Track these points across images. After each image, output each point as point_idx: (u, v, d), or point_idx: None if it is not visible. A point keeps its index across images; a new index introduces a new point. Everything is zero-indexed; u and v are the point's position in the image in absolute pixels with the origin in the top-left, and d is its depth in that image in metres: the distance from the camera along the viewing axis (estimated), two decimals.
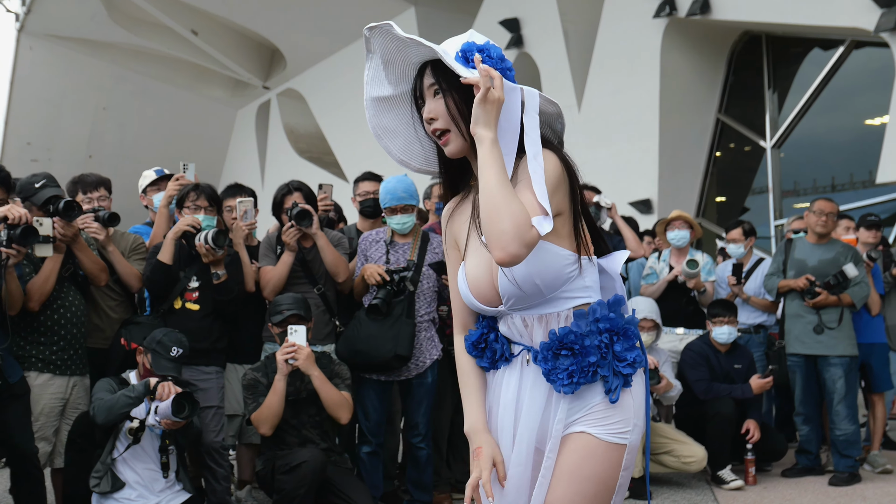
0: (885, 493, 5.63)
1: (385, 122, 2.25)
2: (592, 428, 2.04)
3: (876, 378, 6.38)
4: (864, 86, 11.51)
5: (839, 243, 6.21)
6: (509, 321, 2.13)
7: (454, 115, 2.08)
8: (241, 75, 22.53)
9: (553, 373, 2.04)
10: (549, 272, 2.03)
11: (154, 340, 4.31)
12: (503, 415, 2.14)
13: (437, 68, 2.10)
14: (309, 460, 4.24)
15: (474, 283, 2.13)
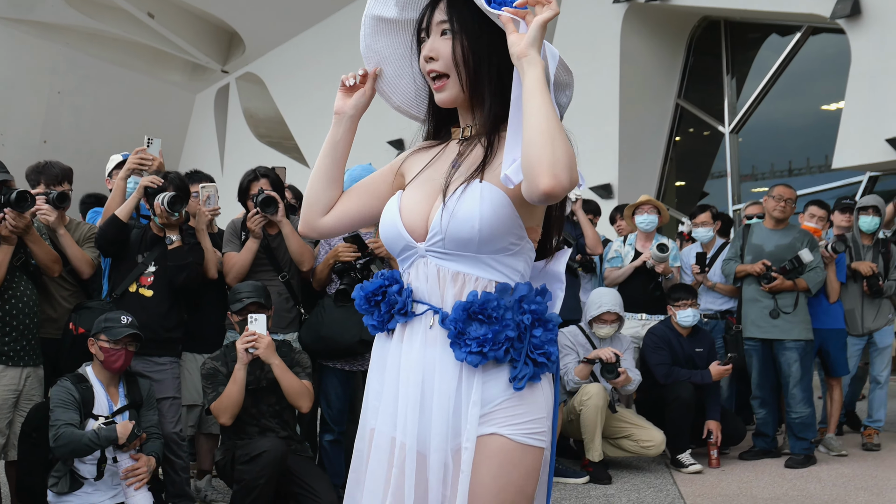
0: (840, 475, 5.73)
1: (379, 47, 2.06)
2: (504, 428, 1.81)
3: (833, 363, 6.48)
4: (821, 72, 11.65)
5: (796, 229, 6.29)
6: (421, 268, 1.89)
7: (458, 60, 1.88)
8: (199, 59, 22.31)
9: (461, 338, 1.79)
10: (495, 227, 1.80)
11: (101, 321, 4.22)
12: (406, 391, 1.86)
13: (454, 4, 1.90)
14: (269, 450, 4.21)
15: (407, 211, 1.91)
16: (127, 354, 4.23)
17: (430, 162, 1.99)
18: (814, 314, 6.23)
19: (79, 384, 4.17)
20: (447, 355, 1.82)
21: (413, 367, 1.85)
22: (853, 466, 6.00)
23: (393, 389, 1.89)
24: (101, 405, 4.19)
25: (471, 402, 1.81)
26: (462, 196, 1.82)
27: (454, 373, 1.82)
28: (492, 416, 1.81)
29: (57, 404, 4.07)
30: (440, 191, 1.89)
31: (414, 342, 1.87)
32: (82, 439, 3.99)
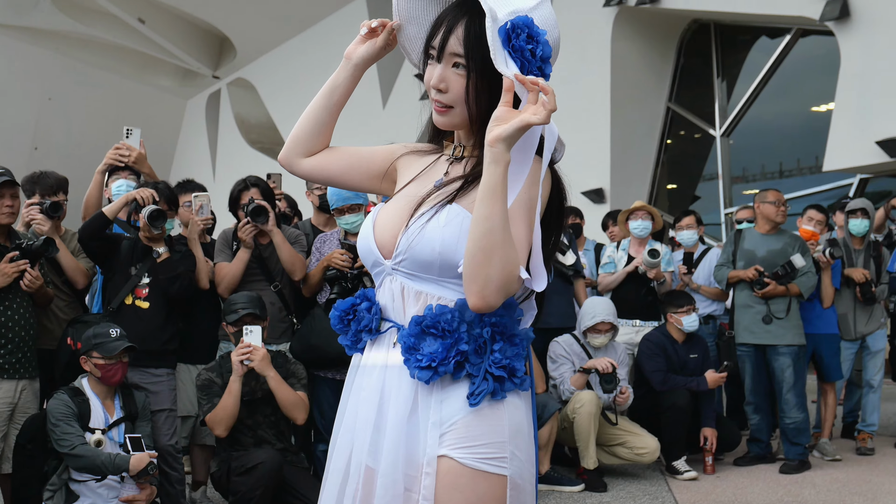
0: (834, 480, 5.75)
1: (410, 6, 1.92)
2: (456, 451, 1.69)
3: (827, 368, 6.50)
4: (810, 73, 11.70)
5: (787, 233, 6.31)
6: (387, 285, 1.83)
7: (470, 98, 1.79)
8: (189, 64, 22.29)
9: (412, 352, 1.71)
10: (457, 252, 1.71)
11: (90, 338, 4.19)
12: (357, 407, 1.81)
13: (471, 33, 1.77)
14: (266, 461, 4.21)
15: (381, 227, 1.86)
16: (123, 367, 4.22)
17: (417, 175, 1.94)
18: (807, 319, 6.25)
19: (75, 397, 4.15)
20: (405, 373, 1.74)
21: (372, 385, 1.80)
22: (847, 471, 6.02)
23: (353, 408, 1.85)
24: (98, 418, 4.18)
25: (429, 423, 1.72)
26: (430, 219, 1.76)
27: (410, 392, 1.74)
28: (445, 437, 1.71)
29: (59, 419, 4.05)
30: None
31: (376, 360, 1.82)
32: (96, 460, 3.99)
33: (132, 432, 4.21)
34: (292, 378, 4.56)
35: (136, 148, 4.99)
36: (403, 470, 1.71)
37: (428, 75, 1.86)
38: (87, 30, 21.36)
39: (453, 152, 1.93)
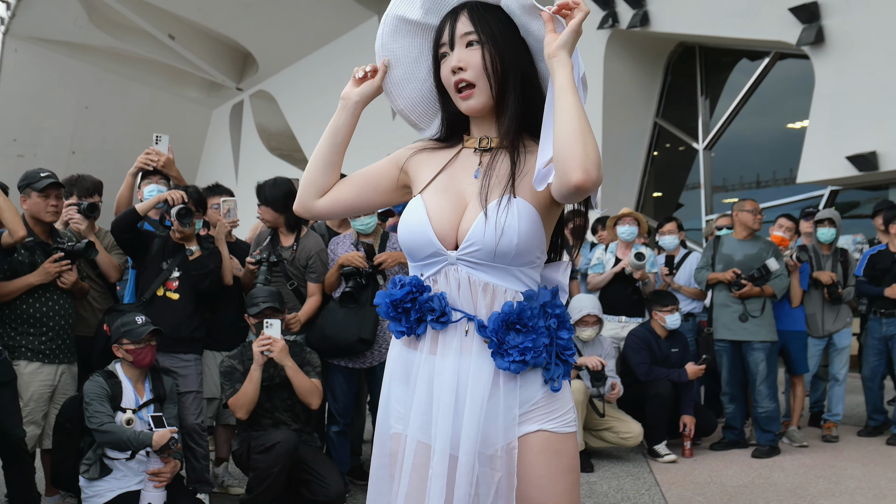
0: (801, 465, 5.78)
1: (394, 47, 1.95)
2: (546, 424, 1.77)
3: (795, 362, 6.53)
4: (787, 93, 11.71)
5: (762, 240, 6.35)
6: (451, 275, 1.80)
7: (488, 68, 1.80)
8: (215, 77, 22.34)
9: (502, 346, 1.74)
10: (530, 242, 1.76)
11: (118, 328, 4.24)
12: (440, 396, 1.77)
13: (475, 15, 1.82)
14: (283, 441, 4.25)
15: (437, 218, 1.81)
16: (151, 350, 4.26)
17: (443, 168, 1.91)
18: (777, 317, 6.29)
19: (109, 380, 4.20)
20: (482, 362, 1.76)
21: (447, 372, 1.77)
22: (814, 456, 6.05)
23: (424, 396, 1.80)
24: (129, 399, 4.23)
25: (504, 405, 1.76)
26: (502, 211, 1.75)
27: (488, 379, 1.75)
28: (531, 416, 1.78)
29: (93, 398, 4.10)
30: (467, 201, 1.83)
31: (448, 349, 1.78)
32: (123, 436, 4.04)
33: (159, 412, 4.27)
34: (307, 366, 4.60)
35: (164, 153, 5.00)
36: (481, 450, 1.74)
37: (445, 69, 1.87)
38: (121, 45, 21.42)
39: (479, 144, 1.90)
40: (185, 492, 4.34)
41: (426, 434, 1.78)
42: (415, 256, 1.86)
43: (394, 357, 1.91)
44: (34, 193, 4.44)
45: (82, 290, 4.67)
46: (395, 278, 1.87)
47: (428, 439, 1.78)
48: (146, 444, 4.06)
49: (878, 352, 6.69)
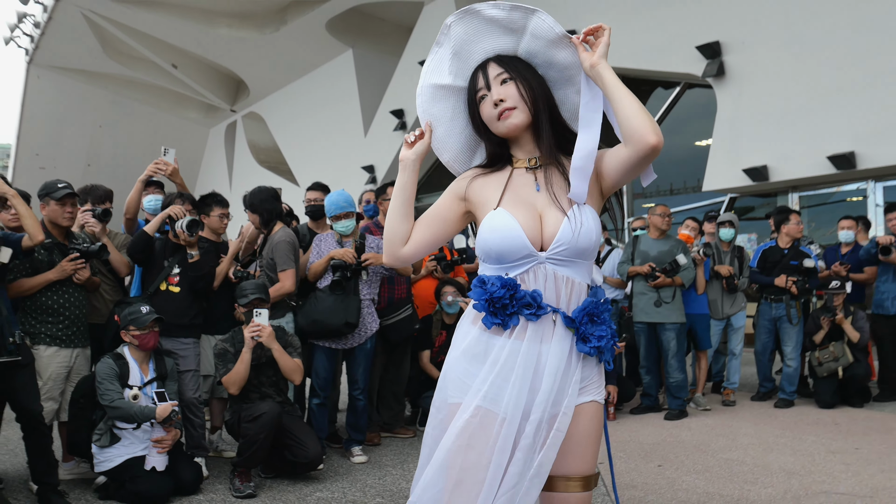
0: (704, 425, 5.87)
1: (434, 111, 2.00)
2: (596, 396, 1.89)
3: (700, 339, 6.62)
4: (694, 116, 11.85)
5: (673, 238, 6.43)
6: (540, 272, 1.83)
7: (524, 95, 1.87)
8: (212, 101, 22.13)
9: (585, 335, 1.82)
10: (599, 237, 1.86)
11: (126, 316, 4.20)
12: (520, 373, 1.79)
13: (502, 60, 1.91)
14: (268, 411, 4.23)
15: (526, 227, 1.82)
16: (154, 335, 4.22)
17: (506, 189, 1.91)
18: (686, 302, 6.37)
19: (117, 361, 4.16)
20: (560, 345, 1.82)
21: (531, 355, 1.80)
22: (715, 418, 6.14)
23: (502, 372, 1.80)
24: (135, 377, 4.18)
25: (573, 380, 1.83)
26: (580, 215, 1.83)
27: (563, 358, 1.82)
28: (587, 389, 1.87)
29: (104, 378, 4.06)
30: (539, 210, 1.86)
31: (535, 336, 1.81)
32: (130, 410, 4.00)
33: (162, 388, 4.23)
34: (289, 347, 4.58)
35: (171, 163, 4.94)
36: (551, 412, 1.81)
37: (486, 107, 1.92)
38: (130, 73, 21.16)
39: (530, 163, 1.95)
40: (185, 456, 4.30)
41: (494, 403, 1.79)
42: (505, 259, 1.86)
43: (471, 338, 1.88)
44: (52, 202, 4.37)
45: (94, 285, 4.60)
46: (479, 278, 1.88)
47: (495, 407, 1.79)
48: (150, 417, 4.02)
49: (767, 331, 6.82)
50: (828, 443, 5.18)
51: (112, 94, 22.32)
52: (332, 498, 4.10)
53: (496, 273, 1.88)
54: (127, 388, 4.12)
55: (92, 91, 22.03)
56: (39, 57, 20.98)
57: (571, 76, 1.94)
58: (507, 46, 1.92)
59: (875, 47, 8.76)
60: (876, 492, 4.02)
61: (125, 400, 4.05)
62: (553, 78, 1.95)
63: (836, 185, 9.87)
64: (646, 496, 4.03)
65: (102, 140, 22.91)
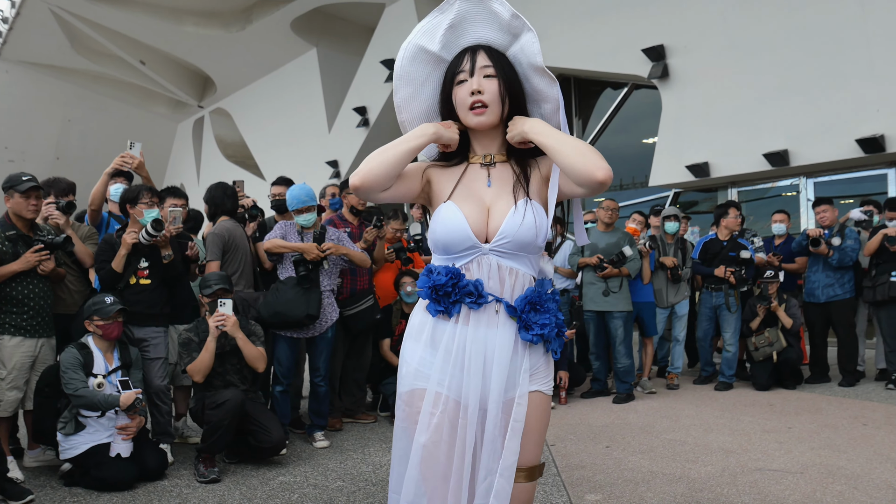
0: (650, 407, 5.93)
1: (409, 70, 1.93)
2: (540, 386, 1.85)
3: (646, 326, 6.68)
4: (641, 116, 11.96)
5: (620, 231, 6.46)
6: (484, 264, 1.83)
7: (502, 96, 1.86)
8: (180, 97, 21.68)
9: (528, 323, 1.80)
10: (542, 232, 1.83)
11: (90, 306, 4.09)
12: (471, 361, 1.79)
13: (492, 54, 1.88)
14: (231, 398, 4.15)
15: (472, 220, 1.83)
16: (118, 325, 4.11)
17: (460, 180, 1.91)
18: (632, 291, 6.42)
19: (82, 350, 4.04)
20: (506, 333, 1.80)
21: (478, 342, 1.79)
22: (660, 401, 6.20)
23: (457, 361, 1.80)
24: (100, 366, 4.06)
25: (523, 368, 1.82)
26: (524, 210, 1.82)
27: (510, 346, 1.80)
28: (533, 377, 1.84)
29: (67, 367, 3.94)
30: (488, 205, 1.85)
31: (479, 324, 1.80)
32: (94, 398, 3.89)
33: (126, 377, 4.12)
34: (252, 336, 4.49)
35: (136, 157, 4.84)
36: (504, 401, 1.80)
37: (462, 91, 1.88)
38: (99, 68, 20.63)
39: (485, 160, 1.94)
40: (150, 443, 4.20)
41: (456, 391, 1.80)
42: (451, 250, 1.85)
43: (422, 326, 1.88)
44: (17, 194, 4.23)
45: (59, 276, 4.45)
46: (428, 267, 1.87)
47: (457, 395, 1.80)
48: (114, 405, 3.92)
49: (708, 318, 6.91)
50: (763, 422, 5.27)
51: (80, 88, 21.73)
52: (294, 482, 4.04)
53: (444, 263, 1.88)
54: (91, 376, 4.00)
55: (60, 86, 21.43)
56: (7, 51, 20.31)
57: (539, 100, 1.95)
58: (500, 42, 1.90)
59: (809, 53, 8.92)
60: (806, 468, 4.09)
61: (89, 388, 3.93)
62: (526, 91, 1.95)
63: (771, 181, 10.06)
64: (594, 475, 4.05)
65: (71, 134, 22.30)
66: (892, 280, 6.40)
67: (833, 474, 3.96)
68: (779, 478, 3.92)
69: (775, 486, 3.79)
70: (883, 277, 6.45)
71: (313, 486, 3.93)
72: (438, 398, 1.80)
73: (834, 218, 6.86)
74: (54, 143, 22.29)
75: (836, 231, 6.75)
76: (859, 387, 6.58)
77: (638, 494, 3.69)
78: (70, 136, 22.31)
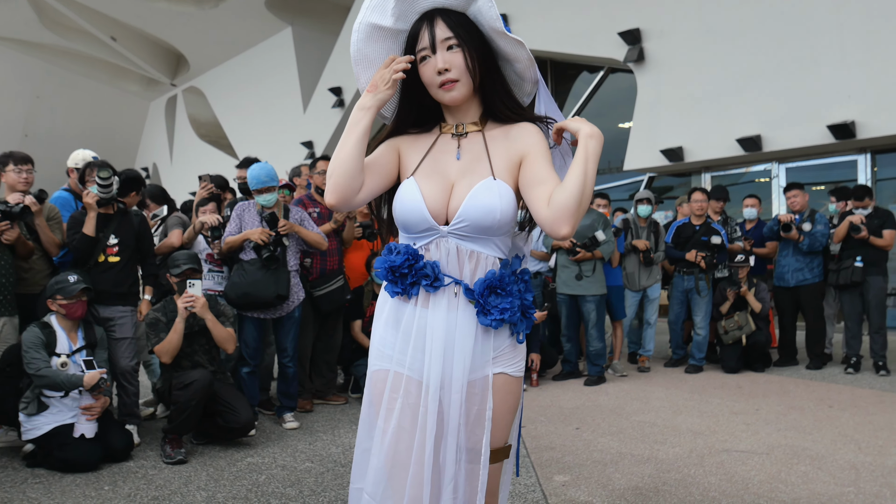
0: (621, 390, 5.96)
1: (368, 51, 1.80)
2: (506, 368, 1.77)
3: (615, 310, 6.68)
4: (617, 100, 11.98)
5: (594, 213, 6.42)
6: (442, 246, 1.74)
7: (470, 67, 1.73)
8: (152, 74, 21.30)
9: (486, 307, 1.71)
10: (508, 217, 1.72)
11: (53, 285, 3.99)
12: (432, 344, 1.72)
13: (451, 21, 1.73)
14: (199, 379, 4.08)
15: (430, 199, 1.73)
16: (82, 305, 4.02)
17: (428, 153, 1.81)
18: None
19: (44, 329, 3.94)
20: (467, 316, 1.73)
21: (439, 325, 1.72)
22: (631, 383, 6.24)
23: (418, 343, 1.74)
24: (63, 345, 3.98)
25: (484, 350, 1.75)
26: (485, 192, 1.70)
27: (472, 330, 1.73)
28: (498, 360, 1.76)
29: (29, 347, 3.84)
30: (453, 181, 1.76)
31: (439, 306, 1.72)
32: (57, 378, 3.81)
33: (91, 357, 4.04)
34: (222, 317, 4.43)
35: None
36: (468, 384, 1.73)
37: (428, 70, 1.76)
38: (68, 44, 20.16)
39: (456, 129, 1.83)
40: (115, 423, 4.13)
41: (418, 373, 1.74)
42: (410, 230, 1.77)
43: (384, 306, 1.82)
44: None
45: (27, 247, 4.32)
46: (389, 245, 1.78)
47: (419, 376, 1.73)
48: (78, 385, 3.84)
49: (680, 301, 6.94)
50: (731, 404, 5.32)
51: (50, 65, 21.25)
52: (262, 463, 4.00)
53: (407, 242, 1.80)
54: (55, 356, 3.91)
55: (29, 61, 20.94)
56: None
57: (510, 59, 1.82)
58: (457, 3, 1.76)
59: (781, 39, 8.96)
60: (772, 449, 4.14)
61: (52, 368, 3.85)
62: (495, 49, 1.81)
63: (744, 167, 10.13)
64: (563, 457, 4.06)
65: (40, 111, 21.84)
66: (856, 265, 6.48)
67: (798, 455, 4.01)
68: (745, 459, 3.96)
69: (741, 466, 3.82)
70: (847, 262, 6.53)
71: (281, 468, 3.90)
72: (399, 379, 1.74)
73: (804, 203, 6.92)
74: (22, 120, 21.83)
75: (806, 216, 6.81)
76: (826, 370, 6.68)
77: (606, 475, 3.71)
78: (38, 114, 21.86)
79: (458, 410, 1.72)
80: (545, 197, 1.66)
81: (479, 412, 1.75)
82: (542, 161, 1.73)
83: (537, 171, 1.72)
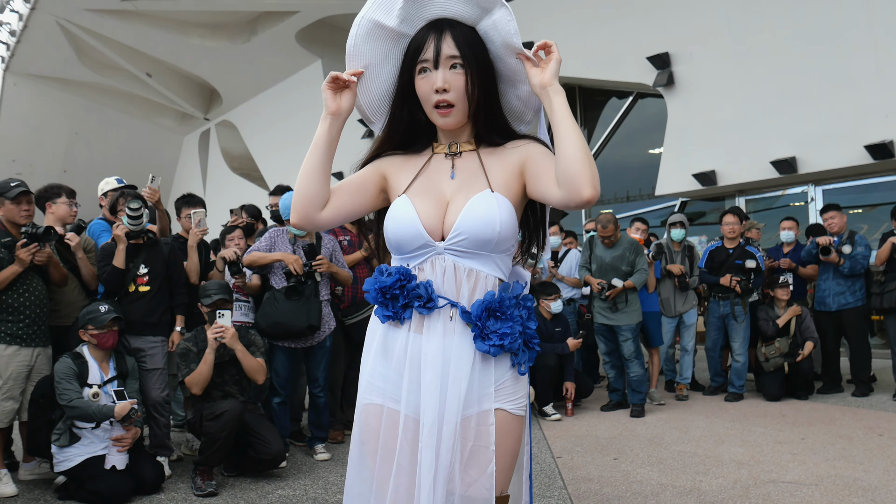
0: (659, 419, 5.80)
1: (365, 49, 1.68)
2: (505, 404, 1.60)
3: (651, 337, 6.54)
4: (647, 125, 11.89)
5: (626, 241, 6.23)
6: (437, 264, 1.61)
7: (469, 91, 1.63)
8: (186, 109, 21.71)
9: (484, 332, 1.57)
10: (508, 231, 1.60)
11: (84, 315, 4.01)
12: (427, 376, 1.57)
13: (459, 38, 1.62)
14: (229, 409, 4.05)
15: (425, 215, 1.61)
16: (113, 335, 4.02)
17: (420, 171, 1.70)
18: None
19: (76, 360, 3.95)
20: (464, 342, 1.58)
21: (433, 352, 1.58)
22: (669, 412, 6.08)
23: (413, 375, 1.59)
24: (95, 376, 3.97)
25: (483, 383, 1.59)
26: (482, 203, 1.60)
27: (470, 357, 1.58)
28: (497, 394, 1.60)
29: (62, 378, 3.84)
30: (447, 198, 1.65)
31: (434, 331, 1.58)
32: (88, 409, 3.80)
33: (121, 387, 4.02)
34: (252, 346, 4.40)
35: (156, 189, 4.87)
36: (462, 419, 1.57)
37: (426, 85, 1.66)
38: (106, 81, 20.68)
39: (450, 149, 1.72)
40: (146, 455, 4.10)
41: (414, 410, 1.59)
42: (403, 249, 1.65)
43: (374, 333, 1.69)
44: (7, 201, 4.20)
45: (60, 272, 4.35)
46: (380, 267, 1.66)
47: (415, 413, 1.58)
48: (109, 416, 3.82)
49: (717, 328, 6.77)
50: (775, 434, 5.13)
51: (87, 101, 21.79)
52: (293, 495, 3.92)
53: (400, 264, 1.67)
54: (87, 386, 3.90)
55: (68, 98, 21.49)
56: (15, 64, 20.42)
57: (515, 81, 1.72)
58: (469, 15, 1.65)
59: (814, 58, 8.82)
60: (821, 479, 3.96)
61: (83, 399, 3.84)
62: (499, 71, 1.71)
63: (779, 189, 9.93)
64: (601, 488, 3.92)
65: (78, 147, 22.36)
66: None
67: (849, 486, 3.82)
68: (793, 490, 3.79)
69: (790, 498, 3.65)
70: (891, 285, 6.32)
71: (313, 500, 3.82)
72: (394, 418, 1.59)
73: (842, 224, 6.73)
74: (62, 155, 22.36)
75: (845, 238, 6.62)
76: (873, 397, 6.43)
77: None
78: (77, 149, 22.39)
79: (448, 445, 1.55)
80: (553, 180, 1.56)
81: (474, 449, 1.58)
82: (544, 158, 1.63)
83: (540, 163, 1.63)
